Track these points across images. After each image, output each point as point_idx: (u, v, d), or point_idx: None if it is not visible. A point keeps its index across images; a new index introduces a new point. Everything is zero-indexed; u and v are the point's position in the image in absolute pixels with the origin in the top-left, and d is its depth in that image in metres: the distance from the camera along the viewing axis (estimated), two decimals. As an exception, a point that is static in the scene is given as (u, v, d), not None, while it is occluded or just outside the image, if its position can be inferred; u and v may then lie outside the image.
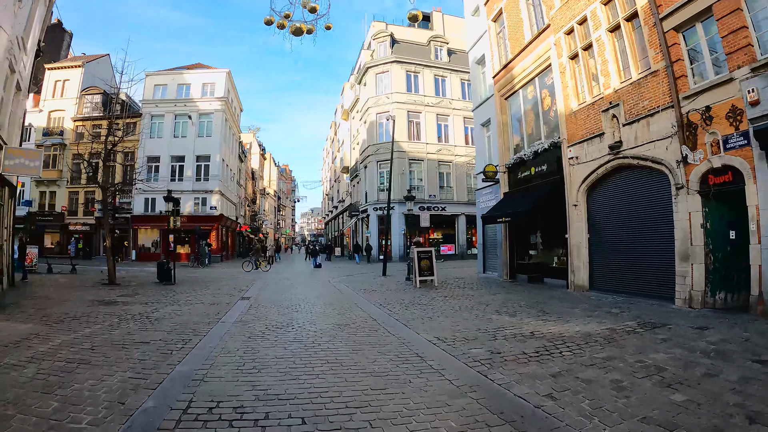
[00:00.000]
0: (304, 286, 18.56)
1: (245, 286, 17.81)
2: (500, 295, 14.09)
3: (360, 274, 24.27)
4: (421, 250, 17.19)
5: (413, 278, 17.11)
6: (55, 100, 44.49)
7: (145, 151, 40.62)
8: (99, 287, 17.06)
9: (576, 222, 15.05)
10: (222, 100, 41.87)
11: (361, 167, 42.77)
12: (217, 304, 12.74)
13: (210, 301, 13.41)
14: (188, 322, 9.69)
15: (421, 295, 14.45)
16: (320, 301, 13.27)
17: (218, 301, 13.38)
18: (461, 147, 40.30)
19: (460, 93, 41.75)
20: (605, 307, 11.30)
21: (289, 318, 10.26)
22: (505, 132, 20.07)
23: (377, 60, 40.92)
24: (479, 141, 23.26)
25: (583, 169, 14.74)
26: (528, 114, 18.77)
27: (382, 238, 37.93)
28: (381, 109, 39.75)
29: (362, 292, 15.54)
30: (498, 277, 19.81)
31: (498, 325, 9.31)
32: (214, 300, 13.56)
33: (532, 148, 17.55)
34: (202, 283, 19.57)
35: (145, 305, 12.37)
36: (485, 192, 21.40)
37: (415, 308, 11.69)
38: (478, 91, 23.68)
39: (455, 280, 19.37)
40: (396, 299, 13.46)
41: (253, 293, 15.40)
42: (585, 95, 15.00)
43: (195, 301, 13.28)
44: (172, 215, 20.45)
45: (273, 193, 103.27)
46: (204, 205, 40.08)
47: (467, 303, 12.56)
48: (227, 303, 12.85)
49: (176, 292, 15.78)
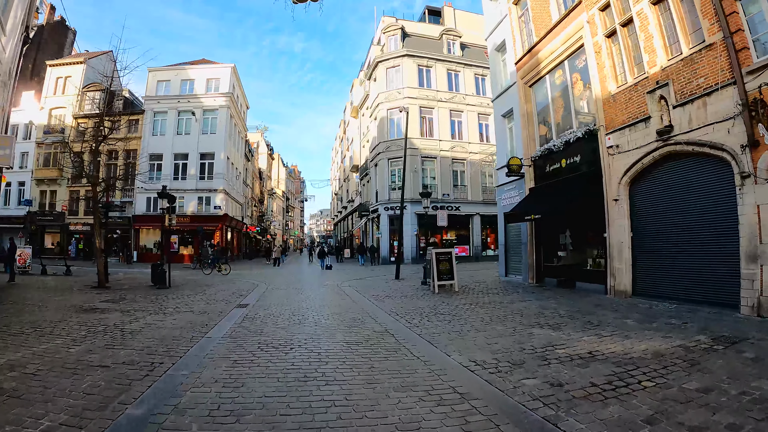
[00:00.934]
0: (311, 290, 16.86)
1: (246, 291, 16.19)
2: (532, 303, 12.35)
3: (371, 277, 22.55)
4: (440, 252, 15.45)
5: (431, 282, 15.40)
6: (56, 98, 43.28)
7: (148, 149, 39.39)
8: (86, 291, 15.78)
9: (617, 219, 13.29)
10: (227, 95, 40.35)
11: (372, 165, 41.08)
12: (208, 312, 11.09)
13: (201, 308, 11.78)
14: (167, 338, 8.04)
15: (442, 302, 12.74)
16: (327, 310, 11.56)
17: (210, 309, 11.73)
18: (475, 144, 38.55)
19: (474, 88, 40.04)
20: (661, 317, 9.59)
21: (289, 333, 8.53)
22: (530, 122, 18.36)
23: (388, 54, 39.22)
24: (500, 133, 21.50)
25: (624, 158, 13.00)
26: (556, 101, 17.06)
27: (394, 238, 36.43)
28: (392, 105, 38.03)
29: (374, 298, 13.83)
30: (522, 280, 18.06)
31: (544, 341, 7.59)
32: (206, 308, 11.92)
33: (562, 138, 15.81)
34: (199, 286, 18.02)
35: (125, 313, 10.83)
36: (508, 188, 19.64)
37: (438, 319, 9.97)
38: (498, 79, 21.93)
39: (475, 284, 17.66)
40: (414, 308, 11.75)
41: (253, 299, 13.74)
42: (625, 76, 13.33)
43: (184, 309, 11.67)
44: (167, 213, 18.86)
45: (281, 193, 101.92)
46: (208, 204, 38.55)
47: (497, 312, 10.83)
48: (220, 312, 11.19)
49: (167, 297, 14.22)
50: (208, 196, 38.55)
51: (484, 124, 39.66)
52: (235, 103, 43.33)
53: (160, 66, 42.24)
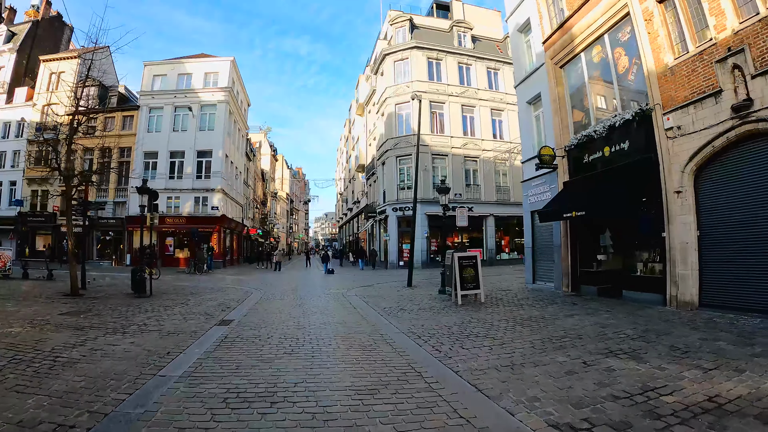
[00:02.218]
0: (312, 300, 14.51)
1: (235, 301, 13.92)
2: (581, 318, 10.02)
3: (379, 284, 20.19)
4: (463, 256, 13.05)
5: (452, 292, 13.08)
6: (49, 94, 41.17)
7: (143, 146, 37.25)
8: (54, 300, 13.70)
9: (679, 215, 10.95)
10: (225, 90, 38.10)
11: (379, 164, 38.75)
12: (178, 332, 8.80)
13: (173, 326, 9.49)
14: (105, 375, 5.81)
15: (470, 317, 10.41)
16: (329, 331, 9.17)
17: (184, 327, 9.42)
18: (489, 141, 36.15)
19: (486, 82, 37.65)
20: (756, 335, 7.47)
21: (275, 372, 6.15)
22: (562, 107, 16.07)
23: (396, 46, 36.93)
24: (525, 122, 19.14)
25: (688, 142, 10.69)
26: (595, 81, 14.80)
27: (403, 241, 34.14)
28: (400, 100, 35.78)
29: (387, 312, 11.48)
30: (554, 288, 15.72)
31: (634, 382, 5.39)
32: (180, 325, 9.62)
33: (604, 123, 13.48)
34: (183, 295, 15.81)
35: (77, 332, 8.73)
36: (536, 183, 17.29)
37: (473, 344, 7.66)
38: (521, 63, 19.62)
39: (500, 292, 15.33)
40: (437, 326, 9.42)
41: (240, 313, 11.43)
42: (685, 45, 11.10)
43: (152, 326, 9.40)
44: (149, 212, 16.66)
45: (285, 196, 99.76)
46: (204, 204, 36.21)
47: (547, 332, 8.50)
48: (194, 332, 8.89)
49: (140, 309, 11.98)
50: (205, 196, 36.22)
51: (498, 120, 37.32)
52: (235, 98, 41.10)
53: (156, 60, 40.23)
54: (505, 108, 37.13)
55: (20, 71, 43.31)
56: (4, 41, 43.65)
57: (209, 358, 6.85)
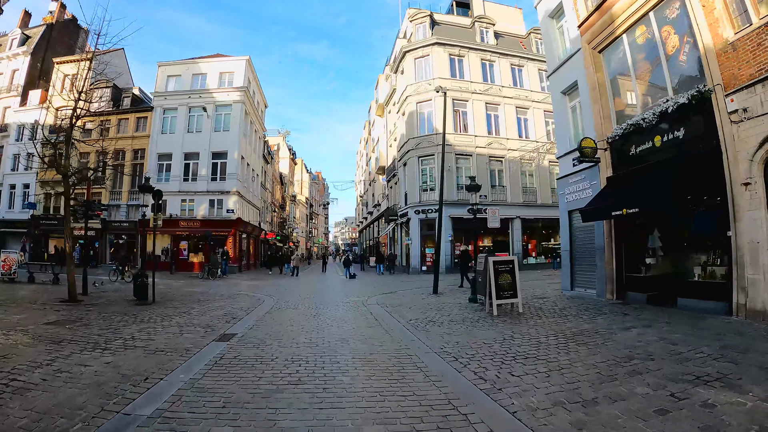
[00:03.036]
0: (328, 310, 13.02)
1: (244, 311, 12.58)
2: (639, 332, 8.48)
3: (402, 291, 18.73)
4: (499, 261, 11.52)
5: (485, 301, 11.60)
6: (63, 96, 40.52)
7: (157, 148, 36.38)
8: (48, 307, 12.64)
9: (748, 210, 9.33)
10: (241, 90, 37.01)
11: (400, 165, 37.31)
12: (167, 350, 7.44)
13: (164, 341, 8.15)
14: (50, 413, 4.48)
15: (511, 331, 8.90)
16: (347, 350, 7.65)
17: (176, 343, 8.04)
18: (514, 140, 34.49)
19: (510, 79, 36.01)
20: None
21: (270, 414, 4.65)
22: (602, 95, 14.52)
23: (416, 43, 35.51)
24: (560, 114, 17.57)
25: (757, 125, 9.12)
26: (639, 65, 13.22)
27: (426, 245, 32.65)
28: (422, 98, 34.33)
29: (413, 325, 10.00)
30: (597, 296, 14.11)
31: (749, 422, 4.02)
32: (172, 340, 8.28)
33: (654, 109, 11.87)
34: (189, 302, 14.53)
35: (54, 346, 7.59)
36: (574, 180, 15.71)
37: (526, 369, 6.15)
38: (554, 50, 18.05)
39: (536, 300, 13.82)
40: (475, 343, 7.92)
41: (246, 326, 10.05)
42: (748, 16, 9.54)
43: (140, 341, 8.10)
44: (153, 212, 15.44)
45: (305, 200, 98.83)
46: (220, 207, 35.08)
47: (608, 352, 6.96)
48: (186, 349, 7.53)
49: (135, 319, 10.70)
50: (220, 198, 35.09)
51: (523, 119, 35.68)
52: (251, 99, 40.00)
53: (171, 60, 39.39)
54: (530, 106, 35.55)
55: (34, 74, 42.82)
56: (19, 44, 43.28)
57: (193, 388, 5.44)
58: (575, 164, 15.35)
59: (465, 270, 19.88)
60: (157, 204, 15.46)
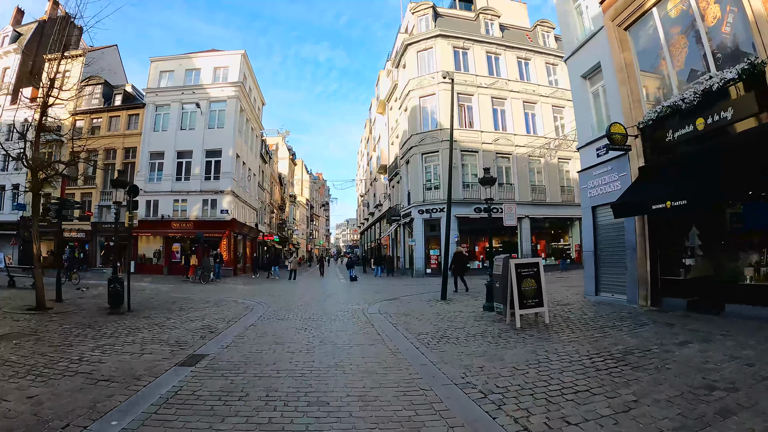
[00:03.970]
0: (324, 322, 11.25)
1: (227, 321, 10.99)
2: (699, 349, 6.88)
3: (406, 297, 17.11)
4: (521, 263, 9.80)
5: (505, 310, 9.94)
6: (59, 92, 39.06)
7: (148, 146, 34.80)
8: (8, 316, 11.20)
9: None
10: (236, 85, 35.38)
11: (402, 163, 35.63)
12: (112, 380, 5.82)
13: (115, 365, 6.55)
14: None
15: (544, 350, 7.26)
16: (341, 383, 5.87)
17: (129, 368, 6.42)
18: (521, 136, 32.82)
19: (517, 73, 34.35)
20: None
21: None
22: (630, 76, 12.90)
23: (418, 35, 33.85)
24: (580, 101, 15.93)
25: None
26: (674, 40, 11.59)
27: (431, 246, 30.98)
28: (425, 92, 32.69)
29: (424, 342, 8.31)
30: (627, 301, 12.45)
31: None
32: (125, 364, 6.65)
33: (695, 88, 10.29)
34: (168, 311, 13.01)
35: None
36: (599, 172, 14.03)
37: (584, 412, 4.52)
38: (571, 31, 16.42)
39: (559, 307, 12.13)
40: (505, 369, 6.27)
41: (224, 342, 8.41)
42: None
43: (86, 364, 6.54)
44: (129, 210, 13.86)
45: (305, 201, 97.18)
46: (214, 208, 33.38)
47: (681, 382, 5.33)
48: (138, 378, 5.90)
49: (97, 333, 9.14)
50: (213, 198, 33.38)
51: (530, 114, 34.04)
52: (247, 95, 38.38)
53: (163, 56, 37.86)
54: (538, 100, 33.97)
55: (26, 72, 41.32)
56: (10, 41, 41.84)
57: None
58: (600, 154, 13.75)
59: (459, 273, 18.62)
60: (132, 201, 13.90)
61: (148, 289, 20.90)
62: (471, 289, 18.14)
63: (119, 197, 13.40)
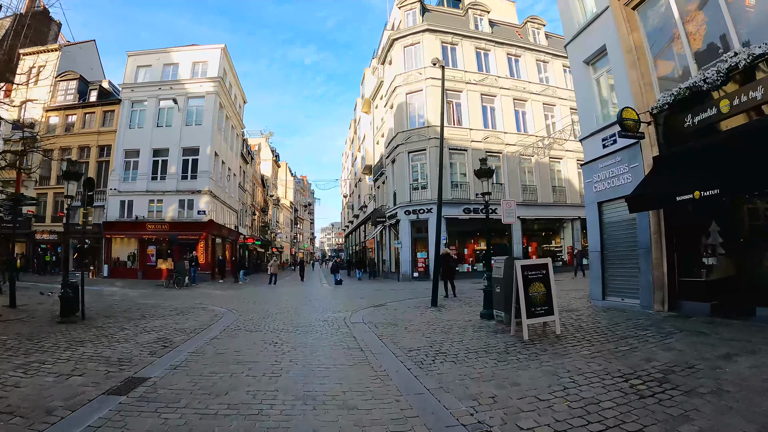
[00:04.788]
0: (299, 334, 9.74)
1: (187, 333, 9.52)
2: (748, 364, 5.69)
3: (393, 303, 15.68)
4: (528, 264, 8.36)
5: (512, 320, 8.53)
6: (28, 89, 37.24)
7: (123, 144, 33.07)
8: None
9: None
10: (215, 80, 33.79)
11: (388, 162, 34.23)
12: (19, 413, 4.43)
13: (28, 394, 5.13)
14: None
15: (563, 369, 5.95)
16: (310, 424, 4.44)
17: (45, 397, 4.99)
18: (512, 134, 31.62)
19: (507, 70, 33.18)
20: None
21: None
22: (640, 58, 11.72)
23: (405, 30, 32.53)
24: (583, 88, 14.66)
25: None
26: (690, 18, 10.47)
27: (418, 249, 29.59)
28: (412, 88, 31.34)
29: (416, 360, 6.89)
30: (641, 306, 11.17)
31: None
32: (43, 392, 5.21)
33: (718, 66, 9.11)
34: (124, 319, 11.53)
35: None
36: (605, 164, 12.74)
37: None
38: (572, 14, 15.17)
39: (566, 314, 10.78)
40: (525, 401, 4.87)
41: (171, 362, 6.92)
42: None
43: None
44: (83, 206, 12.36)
45: (289, 204, 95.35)
46: (191, 209, 31.66)
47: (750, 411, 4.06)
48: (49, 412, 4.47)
49: (31, 347, 7.75)
50: (191, 198, 31.68)
51: (521, 112, 32.87)
52: (227, 91, 36.77)
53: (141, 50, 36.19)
54: (528, 98, 32.85)
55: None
56: (-25, 34, 39.79)
57: None
58: (606, 144, 12.54)
59: (449, 276, 17.34)
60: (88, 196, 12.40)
61: (117, 295, 19.41)
62: (459, 294, 16.87)
63: (71, 191, 11.82)
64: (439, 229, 15.28)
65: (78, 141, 34.92)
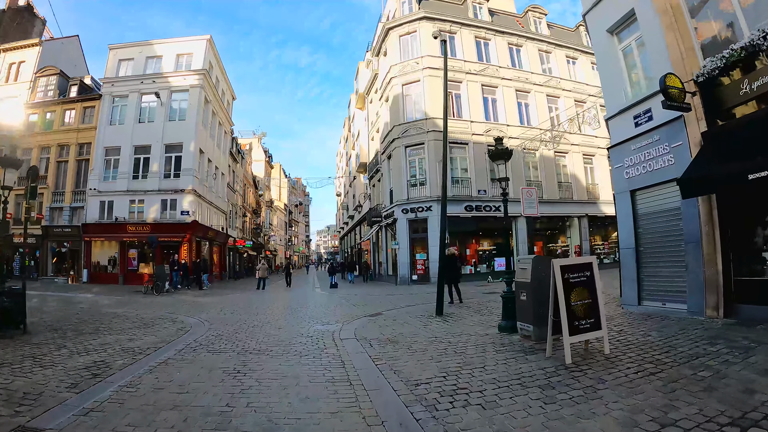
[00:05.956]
0: (270, 358, 7.69)
1: (132, 355, 7.59)
2: None
3: (392, 310, 13.75)
4: (569, 265, 6.41)
5: (548, 336, 6.59)
6: (8, 86, 35.41)
7: (104, 141, 31.13)
8: None
9: None
10: (200, 73, 31.82)
11: (384, 159, 32.33)
12: None
13: None
14: None
15: (642, 414, 4.06)
16: None
17: None
18: (515, 127, 29.71)
19: (508, 60, 31.34)
20: None
21: None
22: (678, 19, 9.86)
23: (401, 18, 30.70)
24: (607, 62, 12.76)
25: None
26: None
27: (417, 250, 27.67)
28: (408, 79, 29.46)
29: (428, 404, 4.94)
30: (688, 312, 9.27)
31: None
32: None
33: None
34: (72, 333, 9.76)
35: None
36: (638, 145, 10.83)
37: None
38: (591, -20, 13.37)
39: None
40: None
41: (85, 404, 4.98)
42: None
43: None
44: (27, 200, 10.44)
45: (283, 206, 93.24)
46: (173, 209, 29.66)
47: None
48: None
49: None
50: (173, 198, 29.67)
51: (524, 103, 31.03)
52: (213, 85, 34.82)
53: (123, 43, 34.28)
54: (531, 89, 31.07)
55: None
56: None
57: None
58: (640, 122, 10.68)
59: (454, 280, 15.23)
60: (31, 187, 10.51)
61: (87, 303, 17.52)
62: (466, 299, 14.99)
63: (9, 181, 9.90)
64: (443, 227, 13.41)
65: (57, 139, 32.96)
